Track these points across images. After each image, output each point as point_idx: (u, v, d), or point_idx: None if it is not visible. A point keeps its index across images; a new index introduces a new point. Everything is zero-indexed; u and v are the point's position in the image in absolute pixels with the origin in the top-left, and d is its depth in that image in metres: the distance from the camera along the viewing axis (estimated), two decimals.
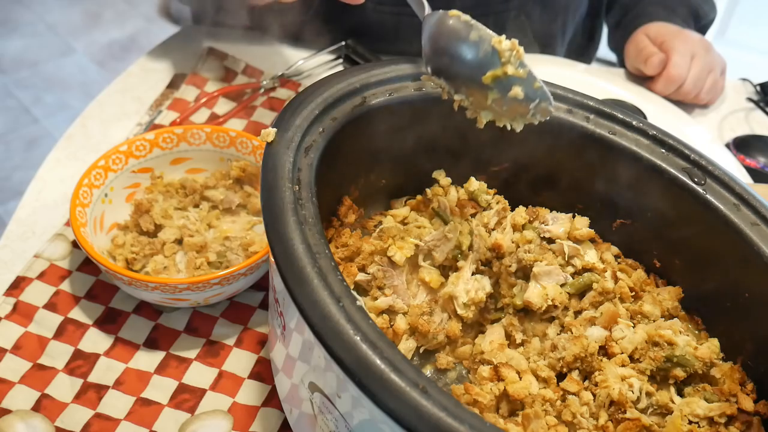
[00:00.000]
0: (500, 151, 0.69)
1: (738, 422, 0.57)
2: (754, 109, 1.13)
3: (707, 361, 0.59)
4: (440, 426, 0.39)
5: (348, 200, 0.66)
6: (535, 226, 0.68)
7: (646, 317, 0.63)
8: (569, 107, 0.67)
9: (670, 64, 1.04)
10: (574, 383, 0.57)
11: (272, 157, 0.52)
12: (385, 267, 0.62)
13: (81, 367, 0.67)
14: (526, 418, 0.54)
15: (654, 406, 0.58)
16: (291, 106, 0.56)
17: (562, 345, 0.59)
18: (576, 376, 0.59)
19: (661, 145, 0.65)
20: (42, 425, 0.63)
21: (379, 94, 0.62)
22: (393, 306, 0.61)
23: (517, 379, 0.57)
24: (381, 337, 0.42)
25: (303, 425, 0.55)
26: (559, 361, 0.59)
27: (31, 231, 0.80)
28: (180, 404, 0.66)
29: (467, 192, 0.70)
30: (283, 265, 0.46)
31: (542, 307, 0.61)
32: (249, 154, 0.80)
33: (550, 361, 0.59)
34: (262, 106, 0.98)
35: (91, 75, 2.52)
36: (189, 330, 0.71)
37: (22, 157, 2.19)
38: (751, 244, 0.59)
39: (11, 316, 0.70)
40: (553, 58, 1.14)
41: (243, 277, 0.68)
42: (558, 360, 0.59)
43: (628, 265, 0.69)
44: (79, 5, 2.81)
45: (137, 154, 0.78)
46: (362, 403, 0.45)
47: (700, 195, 0.62)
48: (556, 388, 0.58)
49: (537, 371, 0.58)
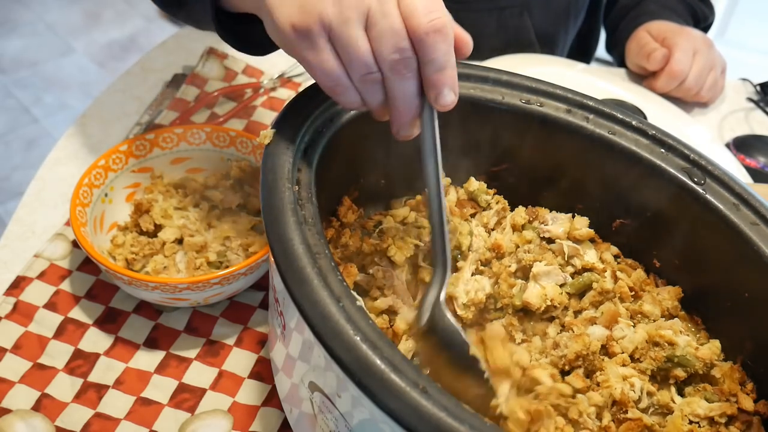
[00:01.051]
0: (500, 151, 0.69)
1: (738, 422, 0.57)
2: (754, 109, 1.13)
3: (708, 361, 0.59)
4: (440, 426, 0.39)
5: (348, 200, 0.66)
6: (534, 226, 0.68)
7: (646, 317, 0.63)
8: (569, 107, 0.67)
9: (673, 60, 1.04)
10: (580, 379, 0.57)
11: (272, 158, 0.52)
12: (384, 267, 0.62)
13: (81, 367, 0.67)
14: (538, 414, 0.54)
15: (655, 405, 0.58)
16: (291, 106, 0.56)
17: (564, 343, 0.59)
18: (580, 374, 0.58)
19: (660, 145, 0.65)
20: (42, 425, 0.63)
21: None
22: (393, 306, 0.61)
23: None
24: (381, 337, 0.42)
25: (303, 425, 0.55)
26: (561, 359, 0.59)
27: (31, 231, 0.80)
28: (180, 404, 0.66)
29: (467, 192, 0.70)
30: (283, 266, 0.46)
31: (541, 307, 0.61)
32: (249, 154, 0.80)
33: (552, 359, 0.59)
34: (262, 106, 0.98)
35: (91, 75, 2.52)
36: (189, 330, 0.71)
37: (22, 157, 2.19)
38: (750, 244, 0.59)
39: (11, 315, 0.70)
40: (553, 57, 1.14)
41: (243, 276, 0.68)
42: (560, 357, 0.59)
43: (628, 265, 0.69)
44: (79, 5, 2.81)
45: (137, 153, 0.78)
46: (362, 403, 0.45)
47: (700, 195, 0.62)
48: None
49: (540, 369, 0.58)
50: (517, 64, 0.98)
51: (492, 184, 0.71)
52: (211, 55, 1.03)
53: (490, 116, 0.66)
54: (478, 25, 1.07)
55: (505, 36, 1.10)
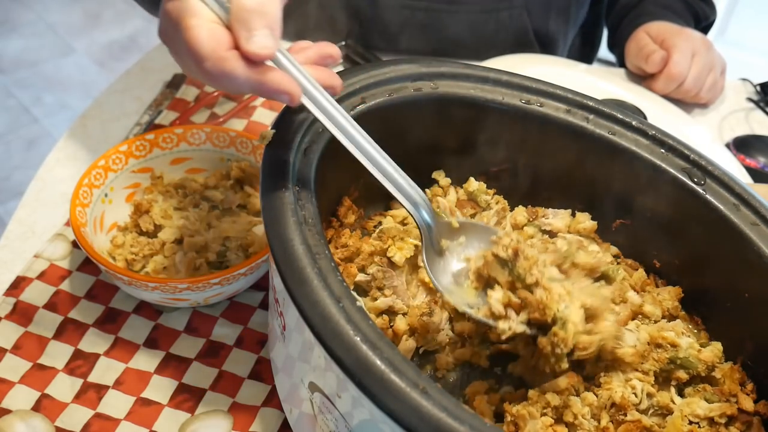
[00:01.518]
0: (500, 151, 0.69)
1: (738, 422, 0.57)
2: (754, 109, 1.13)
3: (710, 364, 0.59)
4: (440, 426, 0.39)
5: (347, 201, 0.66)
6: (535, 222, 0.68)
7: (647, 317, 0.63)
8: (569, 107, 0.67)
9: (671, 62, 1.04)
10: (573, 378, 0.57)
11: (272, 158, 0.52)
12: (384, 267, 0.62)
13: (81, 367, 0.67)
14: (521, 419, 0.54)
15: (654, 406, 0.58)
16: (290, 106, 0.56)
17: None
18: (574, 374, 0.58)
19: (660, 145, 0.65)
20: (42, 425, 0.63)
21: (379, 95, 0.62)
22: (392, 306, 0.61)
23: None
24: (381, 338, 0.42)
25: (303, 425, 0.55)
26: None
27: (31, 231, 0.80)
28: (180, 404, 0.66)
29: (466, 192, 0.70)
30: (283, 266, 0.46)
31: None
32: (249, 154, 0.80)
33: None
34: (262, 106, 0.98)
35: (91, 75, 2.52)
36: (189, 330, 0.71)
37: (22, 157, 2.19)
38: (750, 244, 0.59)
39: (11, 316, 0.70)
40: (553, 57, 1.14)
41: (243, 277, 0.68)
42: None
43: (628, 265, 0.69)
44: (79, 5, 2.81)
45: (137, 154, 0.78)
46: (362, 403, 0.45)
47: (700, 195, 0.62)
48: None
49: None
50: (517, 64, 0.98)
51: (492, 184, 0.71)
52: None
53: (490, 116, 0.66)
54: (478, 25, 1.07)
55: (505, 36, 1.10)
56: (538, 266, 0.52)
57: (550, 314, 0.51)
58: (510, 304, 0.53)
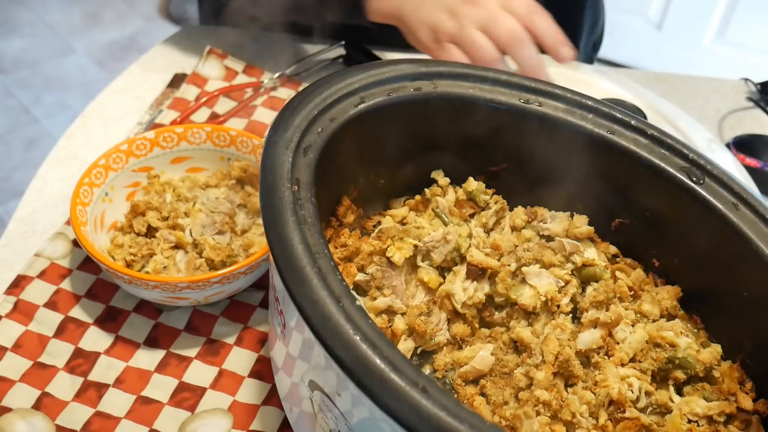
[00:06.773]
0: (499, 151, 0.69)
1: (737, 421, 0.57)
2: (754, 109, 1.13)
3: (708, 365, 0.59)
4: (440, 425, 0.39)
5: (347, 200, 0.66)
6: (534, 225, 0.68)
7: (645, 317, 0.63)
8: (568, 107, 0.67)
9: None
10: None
11: (271, 158, 0.52)
12: (383, 267, 0.62)
13: (81, 366, 0.68)
14: (517, 419, 0.54)
15: (653, 405, 0.58)
16: (290, 106, 0.56)
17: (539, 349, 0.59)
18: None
19: (659, 144, 0.65)
20: (42, 424, 0.63)
21: (378, 95, 0.62)
22: (392, 306, 0.61)
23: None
24: (381, 337, 0.43)
25: (303, 424, 0.55)
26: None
27: (32, 230, 0.80)
28: (180, 403, 0.66)
29: (465, 192, 0.70)
30: (283, 265, 0.46)
31: (536, 305, 0.61)
32: (249, 154, 0.80)
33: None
34: (263, 106, 0.98)
35: (91, 75, 2.52)
36: (189, 329, 0.72)
37: (22, 157, 2.19)
38: (749, 243, 0.59)
39: (12, 314, 0.70)
40: None
41: (243, 276, 0.68)
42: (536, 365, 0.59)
43: (627, 264, 0.69)
44: (79, 5, 2.81)
45: (138, 153, 0.78)
46: (362, 402, 0.45)
47: (699, 194, 0.62)
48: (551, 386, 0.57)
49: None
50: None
51: (491, 183, 0.71)
52: (211, 55, 1.03)
53: (489, 116, 0.66)
54: None
55: None
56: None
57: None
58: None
